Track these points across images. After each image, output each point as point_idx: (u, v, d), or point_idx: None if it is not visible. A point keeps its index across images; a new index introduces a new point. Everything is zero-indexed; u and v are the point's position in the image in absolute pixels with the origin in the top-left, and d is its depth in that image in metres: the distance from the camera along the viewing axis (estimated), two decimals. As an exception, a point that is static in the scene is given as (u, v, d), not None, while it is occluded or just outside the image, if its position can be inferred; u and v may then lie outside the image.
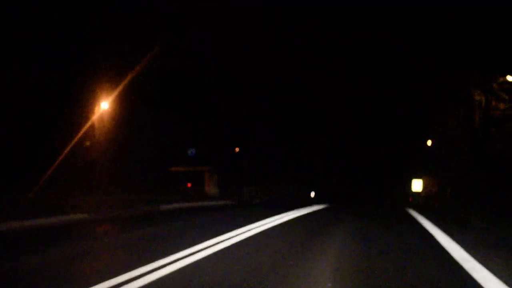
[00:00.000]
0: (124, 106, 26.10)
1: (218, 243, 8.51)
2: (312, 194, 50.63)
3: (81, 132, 22.65)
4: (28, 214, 13.00)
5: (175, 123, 31.26)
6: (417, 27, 38.49)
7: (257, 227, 11.55)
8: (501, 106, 32.03)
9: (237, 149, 40.64)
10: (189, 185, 32.30)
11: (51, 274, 5.99)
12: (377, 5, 43.08)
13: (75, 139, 22.23)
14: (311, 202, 26.93)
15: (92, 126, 23.16)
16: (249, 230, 10.81)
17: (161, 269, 6.08)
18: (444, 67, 36.53)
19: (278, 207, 18.49)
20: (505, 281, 5.74)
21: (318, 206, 21.73)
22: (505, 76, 32.52)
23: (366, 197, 57.78)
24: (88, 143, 23.75)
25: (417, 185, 53.38)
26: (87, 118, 23.31)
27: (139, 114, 27.39)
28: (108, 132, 24.15)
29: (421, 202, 48.76)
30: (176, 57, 31.42)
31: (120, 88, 24.17)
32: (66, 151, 21.60)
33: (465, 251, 8.15)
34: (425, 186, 55.51)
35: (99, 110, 22.88)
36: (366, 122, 73.47)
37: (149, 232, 11.19)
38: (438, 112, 38.99)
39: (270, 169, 45.75)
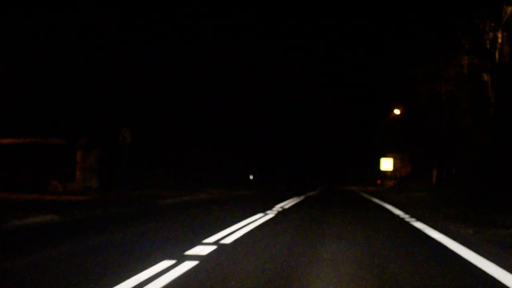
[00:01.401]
0: None
1: None
2: (251, 177, 38.96)
3: None
4: None
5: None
6: None
7: None
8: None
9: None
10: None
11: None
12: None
13: None
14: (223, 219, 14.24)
15: None
16: None
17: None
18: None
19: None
20: None
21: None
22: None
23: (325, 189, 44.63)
24: None
25: (387, 163, 41.87)
26: None
27: None
28: None
29: (395, 186, 37.65)
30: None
31: None
32: None
33: None
34: (394, 166, 44.20)
35: None
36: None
37: None
38: (417, 65, 26.96)
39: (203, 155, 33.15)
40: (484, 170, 19.55)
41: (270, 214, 9.50)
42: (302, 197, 17.39)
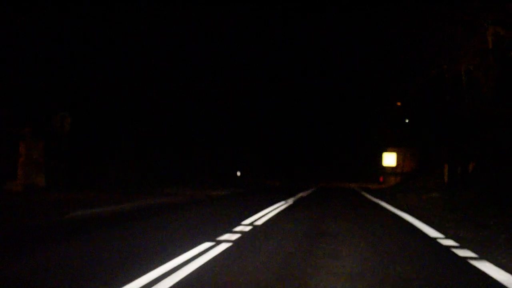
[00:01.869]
0: None
1: None
2: (238, 173, 35.09)
3: None
4: None
5: None
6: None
7: None
8: None
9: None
10: None
11: None
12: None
13: None
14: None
15: None
16: None
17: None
18: None
19: None
20: None
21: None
22: None
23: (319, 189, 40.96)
24: None
25: (389, 159, 37.86)
26: None
27: None
28: None
29: (400, 183, 33.52)
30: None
31: None
32: None
33: None
34: (397, 162, 40.21)
35: None
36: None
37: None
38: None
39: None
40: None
41: (224, 245, 5.50)
42: (290, 202, 13.40)
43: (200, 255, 4.83)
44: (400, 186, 31.46)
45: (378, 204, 13.30)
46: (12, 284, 3.74)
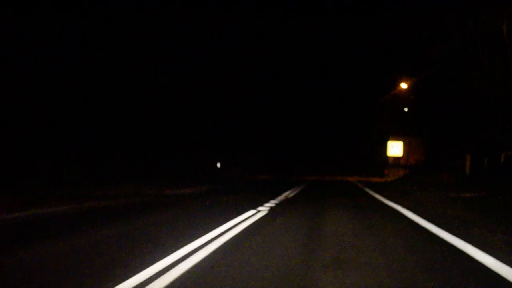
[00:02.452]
0: None
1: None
2: (218, 165, 31.14)
3: None
4: None
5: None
6: None
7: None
8: None
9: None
10: None
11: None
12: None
13: None
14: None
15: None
16: None
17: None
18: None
19: None
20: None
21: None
22: None
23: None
24: None
25: (395, 148, 32.92)
26: None
27: None
28: None
29: (407, 177, 28.44)
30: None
31: None
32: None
33: None
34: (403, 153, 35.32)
35: None
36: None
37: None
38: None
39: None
40: None
41: None
42: (264, 211, 8.45)
43: None
44: (408, 180, 26.70)
45: (398, 213, 8.51)
46: None
